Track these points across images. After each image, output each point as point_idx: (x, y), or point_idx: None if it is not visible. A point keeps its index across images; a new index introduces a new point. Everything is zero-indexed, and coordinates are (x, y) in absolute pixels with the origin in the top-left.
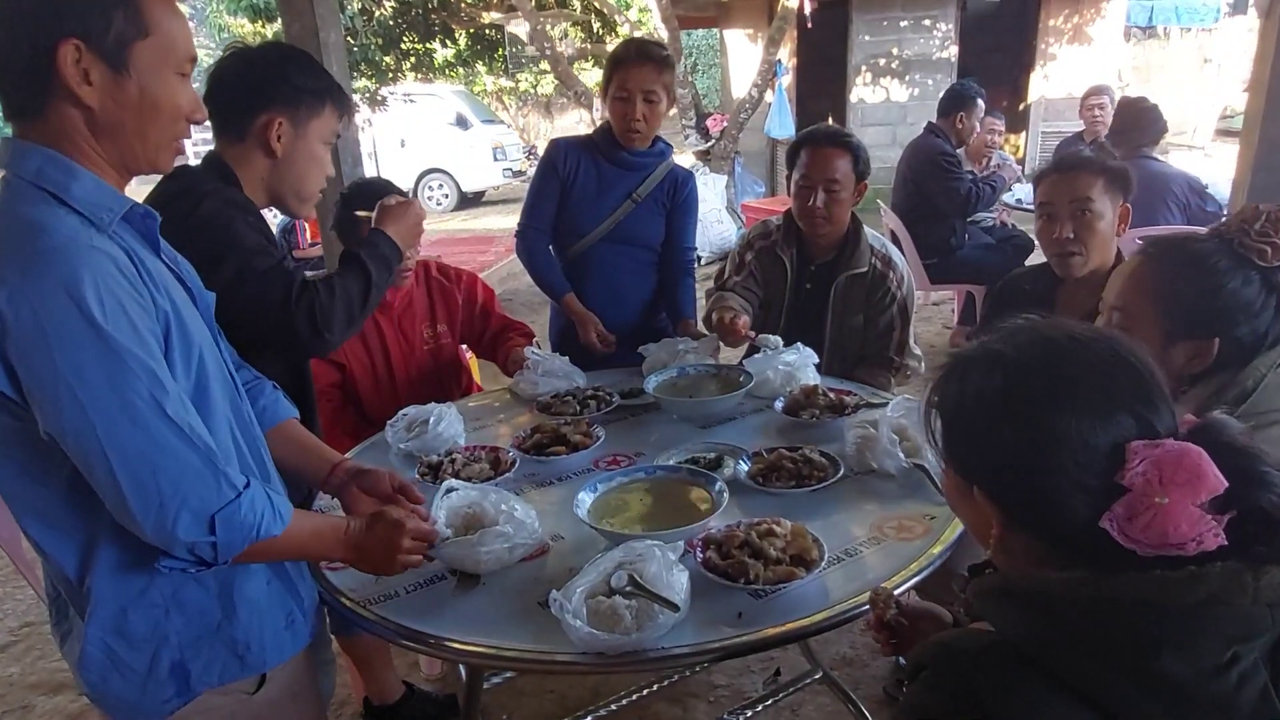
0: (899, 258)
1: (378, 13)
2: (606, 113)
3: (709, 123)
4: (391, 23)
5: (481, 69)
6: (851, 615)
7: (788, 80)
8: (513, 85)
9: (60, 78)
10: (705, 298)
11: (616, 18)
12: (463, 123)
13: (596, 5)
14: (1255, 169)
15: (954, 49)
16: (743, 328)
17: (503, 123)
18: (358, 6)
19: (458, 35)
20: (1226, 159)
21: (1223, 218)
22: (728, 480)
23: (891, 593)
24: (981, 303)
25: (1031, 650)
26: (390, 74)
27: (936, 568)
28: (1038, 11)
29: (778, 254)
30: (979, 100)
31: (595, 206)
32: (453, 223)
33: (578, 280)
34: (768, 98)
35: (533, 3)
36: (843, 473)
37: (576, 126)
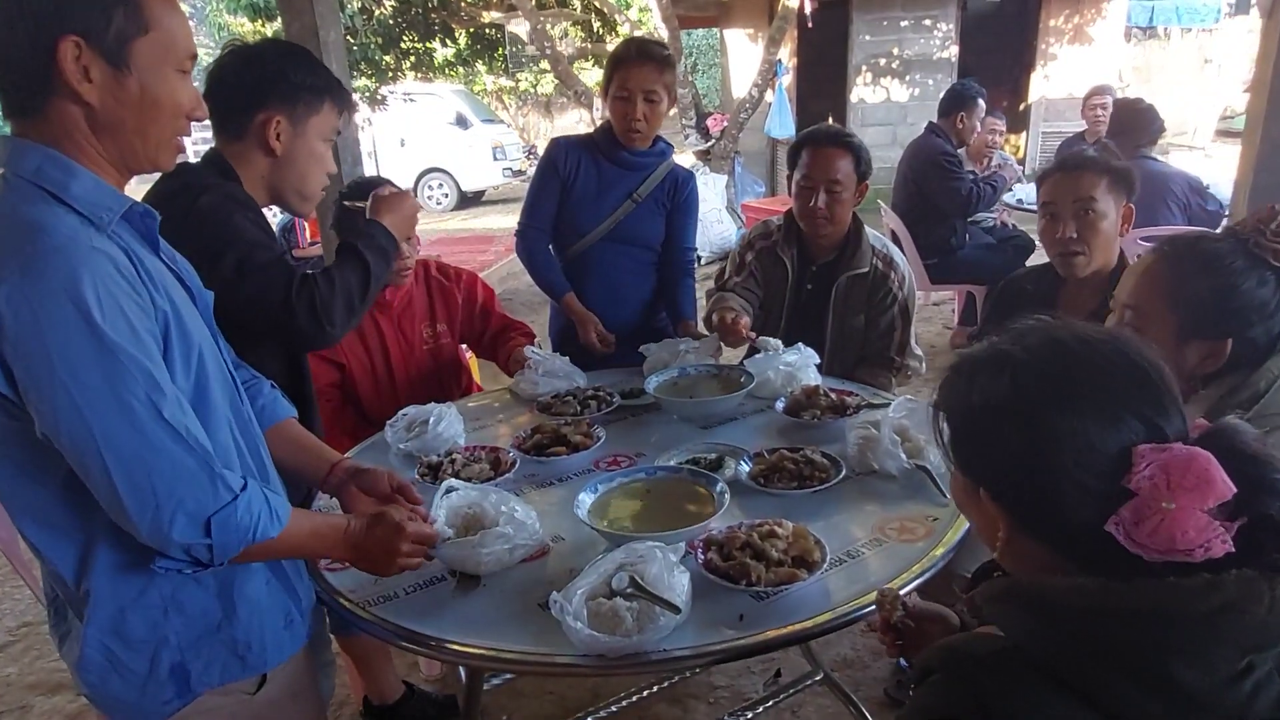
0: (900, 258)
1: (377, 12)
2: (607, 112)
3: (709, 122)
4: (391, 22)
5: (481, 68)
6: (853, 617)
7: (788, 80)
8: (513, 85)
9: (60, 75)
10: (705, 298)
11: (617, 17)
12: (462, 122)
13: (597, 5)
14: (1258, 169)
15: (954, 49)
16: (744, 328)
17: (503, 122)
18: (358, 5)
19: (458, 34)
20: (1227, 159)
21: (1224, 217)
22: (729, 481)
23: (898, 594)
24: (982, 303)
25: (1041, 656)
26: (390, 73)
27: (939, 569)
28: (1038, 11)
29: (779, 254)
30: (980, 100)
31: (595, 206)
32: (452, 222)
33: (577, 280)
34: (768, 97)
35: (533, 2)
36: (844, 474)
37: (576, 126)
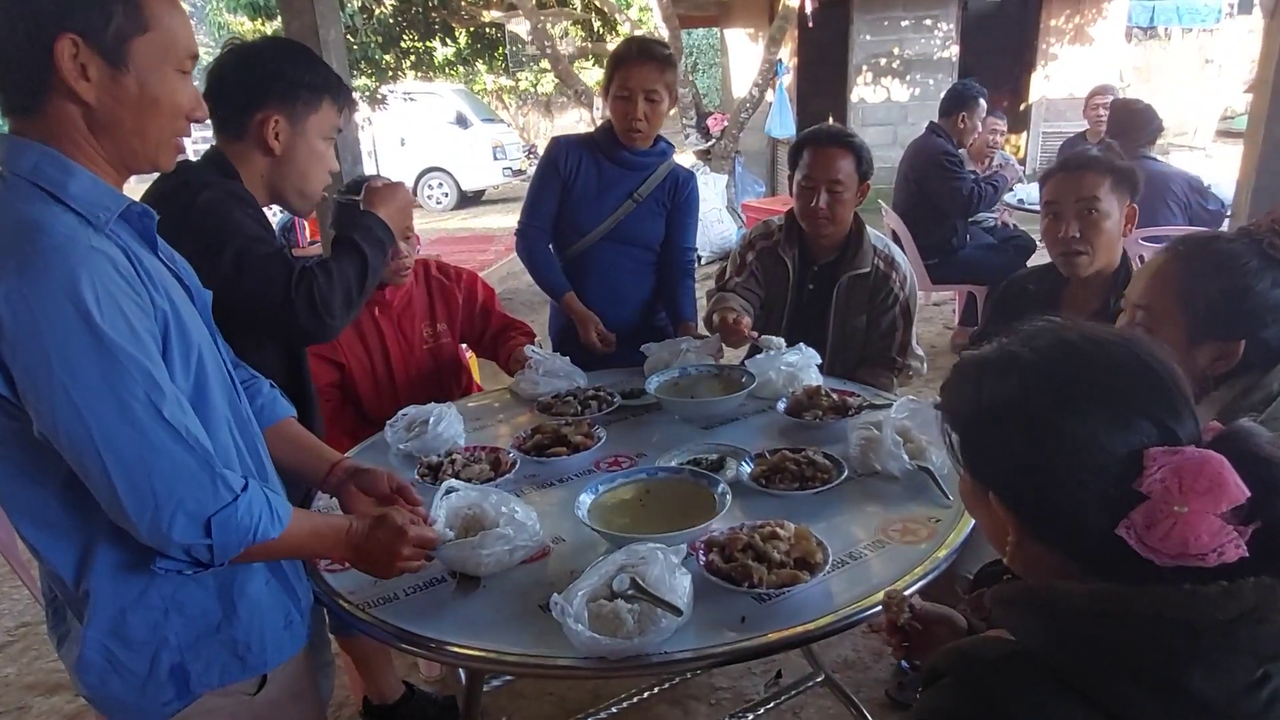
0: (902, 258)
1: (378, 11)
2: (608, 111)
3: (709, 122)
4: (391, 21)
5: (482, 67)
6: (856, 620)
7: (788, 80)
8: (513, 84)
9: (57, 73)
10: (706, 298)
11: (617, 16)
12: (463, 121)
13: (597, 4)
14: (1260, 169)
15: (955, 49)
16: (745, 328)
17: (503, 121)
18: (358, 4)
19: (458, 33)
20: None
21: (1226, 217)
22: (730, 482)
23: (905, 596)
24: (983, 303)
25: (1053, 662)
26: (390, 72)
27: (942, 571)
28: (1039, 11)
29: (780, 254)
30: (981, 100)
31: (596, 206)
32: (452, 222)
33: (577, 280)
34: (768, 97)
35: (533, 1)
36: (846, 475)
37: (577, 125)
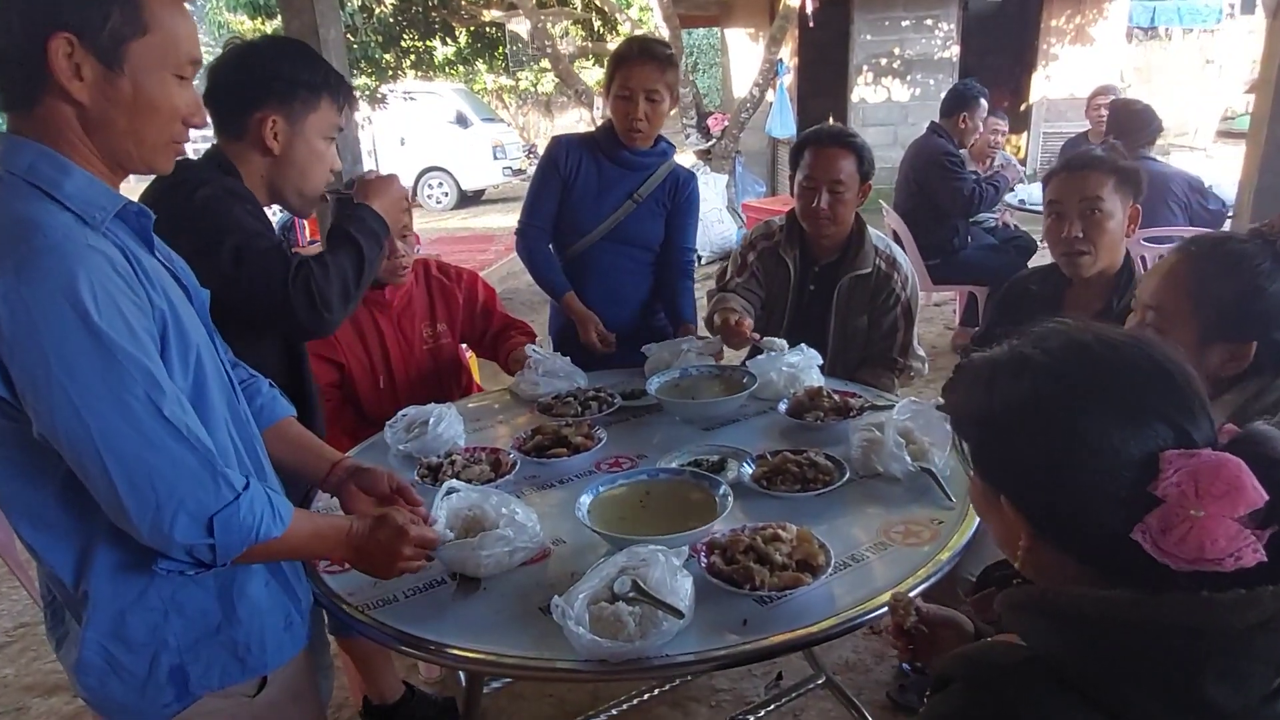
0: (903, 258)
1: (378, 10)
2: (608, 111)
3: (710, 122)
4: (391, 20)
5: (482, 67)
6: (859, 623)
7: (789, 79)
8: (513, 83)
9: (51, 71)
10: (707, 298)
11: (617, 16)
12: (463, 121)
13: (597, 3)
14: (1262, 169)
15: (956, 49)
16: (747, 330)
17: (503, 121)
18: (358, 3)
19: (458, 33)
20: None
21: (1227, 217)
22: (731, 483)
23: (911, 599)
24: (984, 304)
25: (1065, 668)
26: (390, 72)
27: (944, 574)
28: (1039, 12)
29: (781, 255)
30: (982, 100)
31: (596, 205)
32: (452, 221)
33: (577, 280)
34: (769, 97)
35: (533, 0)
36: (848, 476)
37: (577, 125)
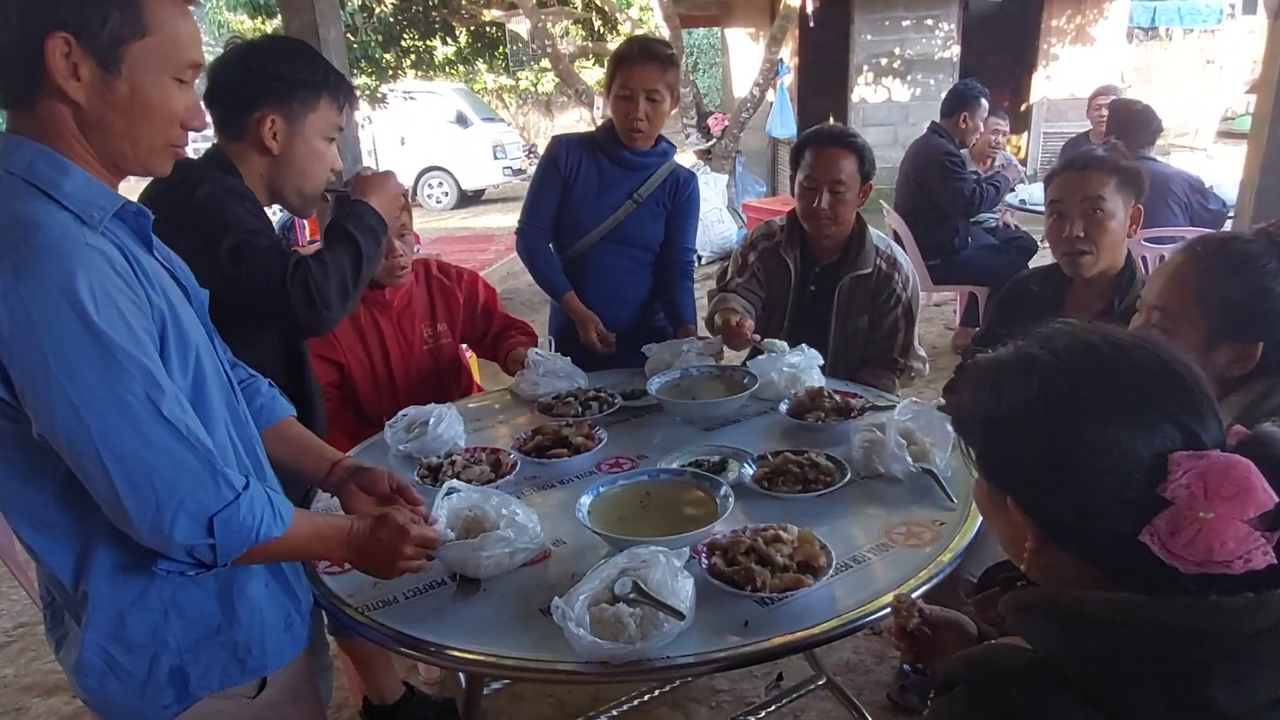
0: (904, 258)
1: (378, 9)
2: (609, 111)
3: (710, 122)
4: (392, 20)
5: (482, 66)
6: (860, 624)
7: (789, 79)
8: (513, 83)
9: (47, 71)
10: (707, 298)
11: (618, 15)
12: (463, 120)
13: (598, 3)
14: (1264, 170)
15: (956, 49)
16: (748, 331)
17: (503, 121)
18: (358, 3)
19: (458, 32)
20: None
21: (1228, 217)
22: (732, 484)
23: (915, 601)
24: (984, 304)
25: (1071, 672)
26: (390, 71)
27: (946, 575)
28: (1040, 12)
29: (781, 255)
30: (983, 100)
31: (596, 205)
32: (452, 221)
33: (577, 280)
34: (769, 97)
35: (533, 0)
36: (849, 477)
37: (577, 125)
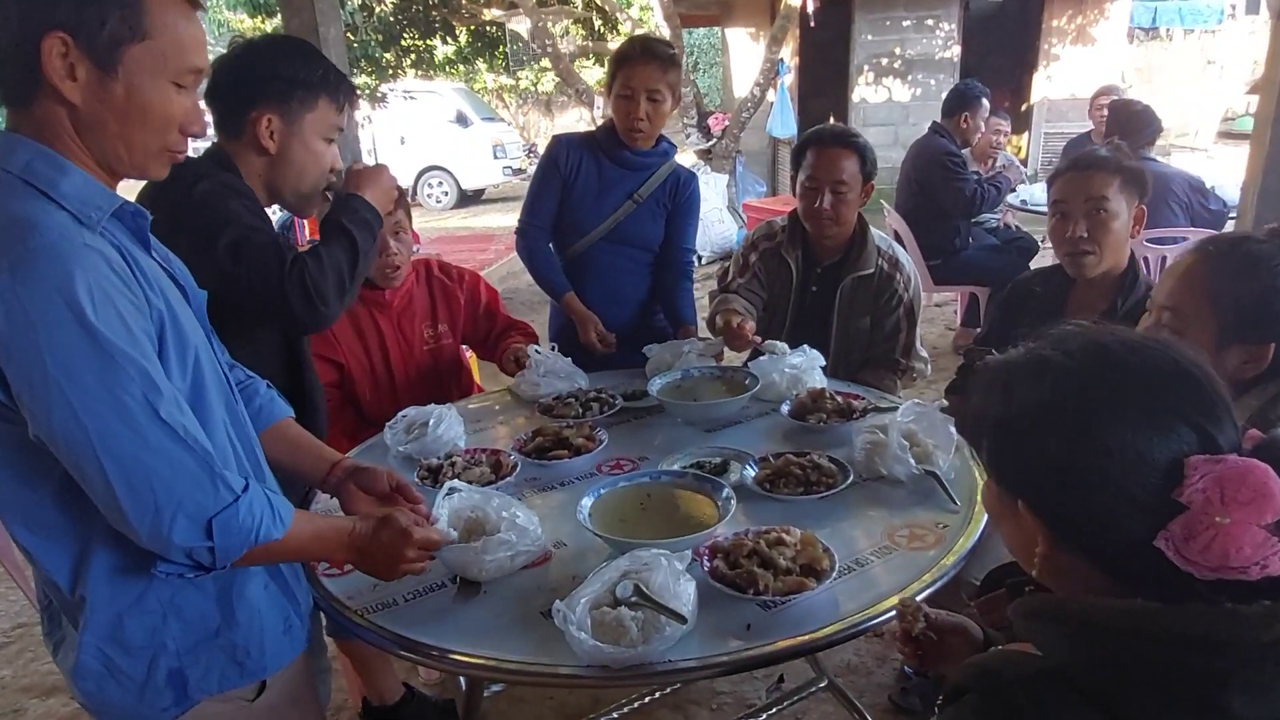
0: (906, 259)
1: (378, 9)
2: (609, 110)
3: (710, 121)
4: (392, 19)
5: (482, 66)
6: (863, 628)
7: (790, 79)
8: (513, 83)
9: (43, 70)
10: (709, 299)
11: (618, 15)
12: (463, 120)
13: (598, 3)
14: (1267, 171)
15: (957, 49)
16: (749, 332)
17: (503, 120)
18: (358, 2)
19: (458, 32)
20: (1229, 161)
21: (1229, 218)
22: (734, 485)
23: (920, 606)
24: (985, 305)
25: (1084, 680)
26: (390, 70)
27: (950, 579)
28: (1041, 12)
29: (783, 255)
30: (984, 100)
31: (596, 205)
32: (452, 221)
33: (577, 280)
34: (770, 97)
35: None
36: (851, 479)
37: (577, 125)
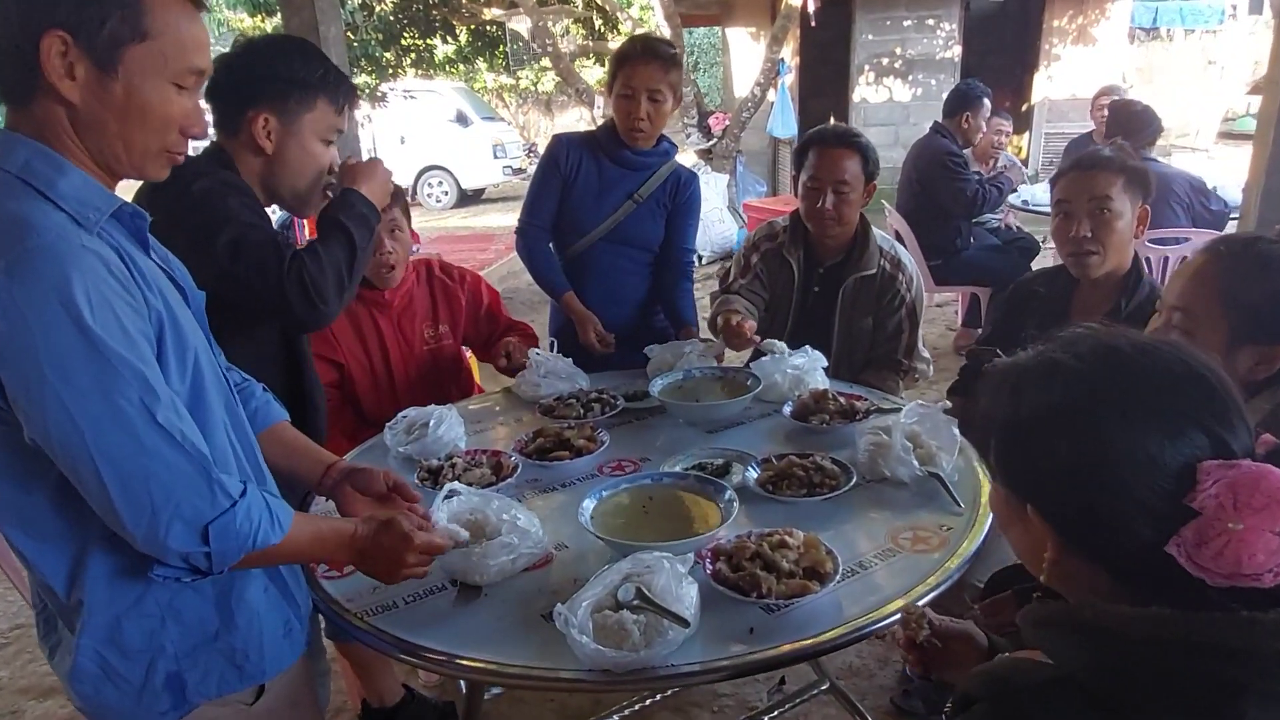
0: (908, 259)
1: (378, 8)
2: (610, 110)
3: (711, 121)
4: (392, 18)
5: (482, 65)
6: (866, 632)
7: (790, 79)
8: (513, 82)
9: (41, 69)
10: (710, 299)
11: (618, 15)
12: (463, 120)
13: (598, 2)
14: (1270, 171)
15: (957, 49)
16: (749, 331)
17: (503, 120)
18: (358, 1)
19: (459, 31)
20: (1229, 161)
21: (1230, 218)
22: (736, 487)
23: (924, 612)
24: (987, 305)
25: (1096, 688)
26: (390, 70)
27: (954, 582)
28: (1042, 12)
29: (784, 256)
30: (985, 100)
31: (596, 205)
32: (452, 220)
33: (577, 280)
34: (770, 97)
35: None
36: (855, 481)
37: (577, 124)
